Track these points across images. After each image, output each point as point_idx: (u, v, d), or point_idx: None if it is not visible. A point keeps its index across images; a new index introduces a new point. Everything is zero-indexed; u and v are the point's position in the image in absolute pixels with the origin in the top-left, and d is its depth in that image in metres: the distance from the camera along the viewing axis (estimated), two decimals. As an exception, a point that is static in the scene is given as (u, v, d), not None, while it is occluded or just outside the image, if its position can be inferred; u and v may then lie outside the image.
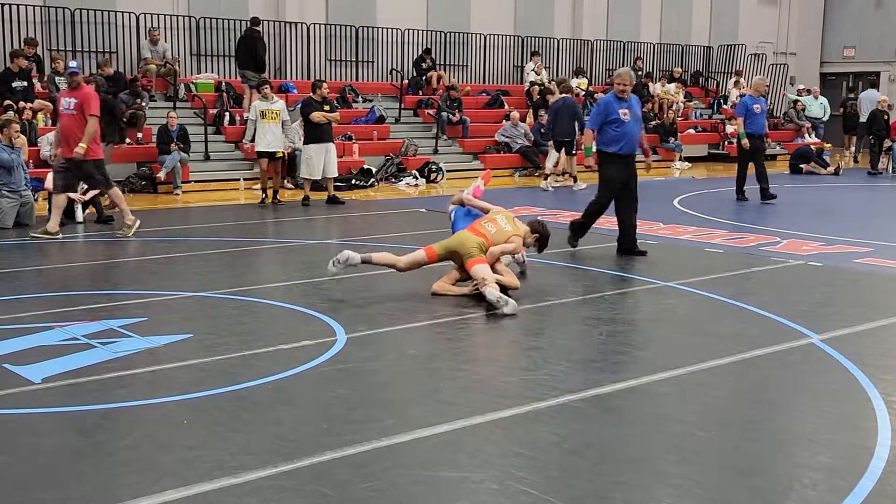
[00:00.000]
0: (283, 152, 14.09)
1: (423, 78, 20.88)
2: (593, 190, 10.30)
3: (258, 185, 15.67)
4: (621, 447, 4.38)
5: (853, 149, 24.06)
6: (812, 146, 21.07)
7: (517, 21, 23.40)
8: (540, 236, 7.92)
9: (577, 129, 15.78)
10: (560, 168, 16.60)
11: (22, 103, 14.53)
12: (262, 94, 13.94)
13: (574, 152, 16.00)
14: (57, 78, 15.31)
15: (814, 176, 19.46)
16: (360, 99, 19.70)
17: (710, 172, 19.79)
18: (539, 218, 8.36)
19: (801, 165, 19.97)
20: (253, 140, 13.92)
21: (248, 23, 17.74)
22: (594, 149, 9.47)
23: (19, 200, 11.24)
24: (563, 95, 16.49)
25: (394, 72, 20.68)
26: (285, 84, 18.85)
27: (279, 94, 18.30)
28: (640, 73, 23.98)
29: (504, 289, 7.26)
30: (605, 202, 9.59)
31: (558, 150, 16.38)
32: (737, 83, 24.87)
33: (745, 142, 14.30)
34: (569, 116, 15.91)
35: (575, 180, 16.32)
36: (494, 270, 7.42)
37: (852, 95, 25.44)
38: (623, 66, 24.91)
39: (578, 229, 9.76)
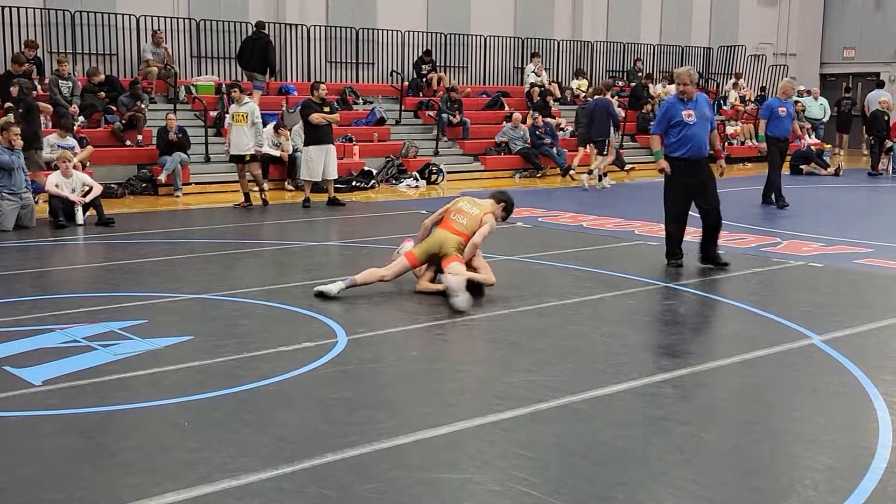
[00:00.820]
0: (256, 153, 13.56)
1: (424, 79, 20.88)
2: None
3: (257, 189, 15.71)
4: (622, 448, 4.38)
5: (846, 148, 24.10)
6: (812, 147, 21.07)
7: (517, 22, 23.41)
8: (505, 203, 8.08)
9: (612, 128, 16.65)
10: (593, 166, 17.05)
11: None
12: (232, 97, 13.85)
13: (605, 152, 16.66)
14: (60, 81, 15.33)
15: (814, 177, 19.45)
16: (360, 101, 19.70)
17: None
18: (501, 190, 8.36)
19: (801, 166, 19.97)
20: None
21: (255, 26, 17.78)
22: (662, 154, 8.73)
23: (19, 203, 11.24)
24: (598, 97, 16.99)
25: (394, 73, 20.69)
26: (286, 86, 18.85)
27: (279, 96, 18.36)
28: (640, 74, 24.00)
29: (479, 286, 7.41)
30: (669, 211, 8.87)
31: (583, 146, 17.00)
32: (735, 85, 24.86)
33: (763, 146, 13.80)
34: (604, 117, 16.44)
35: (601, 178, 16.71)
36: (473, 265, 7.63)
37: (848, 95, 25.42)
38: (623, 67, 24.97)
39: (671, 253, 8.92)
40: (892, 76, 27.68)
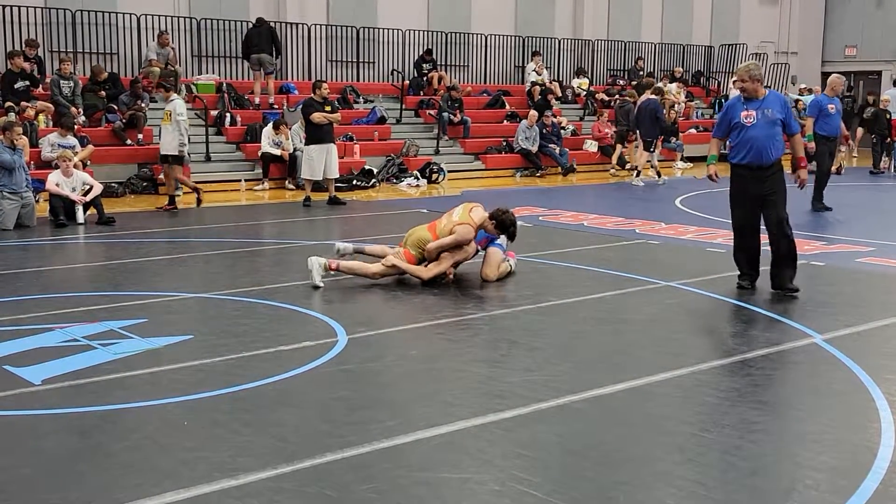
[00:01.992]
0: (180, 153, 13.10)
1: (424, 78, 20.87)
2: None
3: (259, 187, 15.74)
4: (623, 448, 4.37)
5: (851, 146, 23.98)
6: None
7: (518, 21, 23.39)
8: (497, 222, 8.02)
9: (658, 129, 17.44)
10: (635, 163, 17.85)
11: (24, 104, 14.54)
12: (161, 96, 13.94)
13: (653, 150, 17.42)
14: (62, 81, 15.33)
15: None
16: (361, 99, 19.69)
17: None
18: (506, 208, 8.20)
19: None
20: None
21: (255, 23, 17.83)
22: (715, 159, 7.98)
23: (20, 202, 11.24)
24: (645, 98, 17.42)
25: (395, 72, 20.67)
26: (286, 85, 18.85)
27: (279, 95, 18.36)
28: (641, 73, 23.98)
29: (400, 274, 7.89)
30: (735, 224, 7.91)
31: (647, 148, 17.49)
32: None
33: (812, 145, 12.94)
34: (652, 118, 17.03)
35: (659, 175, 17.44)
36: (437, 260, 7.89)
37: (849, 94, 25.37)
38: (624, 66, 24.93)
39: (744, 275, 7.92)
40: (893, 75, 27.65)
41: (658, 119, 17.13)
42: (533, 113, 19.33)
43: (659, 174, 17.45)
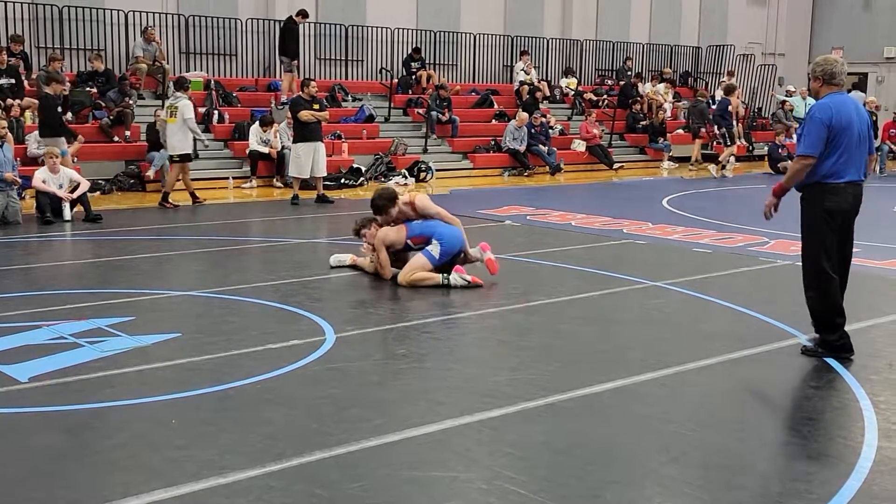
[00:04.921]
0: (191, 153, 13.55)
1: (413, 77, 20.87)
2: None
3: (247, 184, 15.71)
4: (610, 447, 4.39)
5: None
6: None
7: (507, 21, 23.41)
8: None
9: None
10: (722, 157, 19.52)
11: (9, 100, 14.47)
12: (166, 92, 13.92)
13: (728, 144, 19.46)
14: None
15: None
16: (349, 98, 19.67)
17: (699, 173, 19.84)
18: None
19: (779, 165, 19.95)
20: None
21: (291, 21, 18.24)
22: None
23: (6, 200, 11.18)
24: (723, 97, 19.85)
25: (383, 71, 20.65)
26: (274, 83, 18.82)
27: (268, 93, 18.33)
28: (629, 73, 24.03)
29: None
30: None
31: (696, 138, 20.28)
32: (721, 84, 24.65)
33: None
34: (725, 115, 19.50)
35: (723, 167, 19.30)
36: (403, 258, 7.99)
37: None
38: (612, 66, 24.99)
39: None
40: (879, 76, 27.80)
41: (723, 116, 19.41)
42: (523, 115, 19.33)
43: (724, 167, 19.31)
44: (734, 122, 19.80)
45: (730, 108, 19.51)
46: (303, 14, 18.28)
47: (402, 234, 7.97)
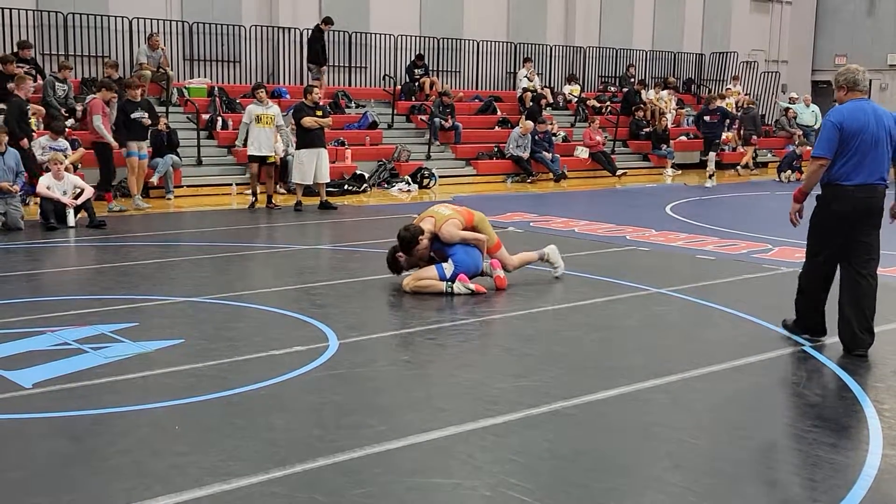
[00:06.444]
0: (276, 158, 14.14)
1: (416, 84, 20.89)
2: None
3: (250, 191, 15.68)
4: (614, 454, 4.38)
5: None
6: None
7: (510, 27, 23.45)
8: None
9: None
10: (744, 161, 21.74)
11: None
12: (258, 98, 14.00)
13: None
14: (57, 83, 15.29)
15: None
16: (352, 104, 19.71)
17: (702, 180, 19.84)
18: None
19: (781, 173, 19.93)
20: (245, 144, 13.99)
21: (319, 29, 18.73)
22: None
23: (6, 207, 11.18)
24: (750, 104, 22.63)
25: (387, 77, 20.69)
26: (278, 89, 18.83)
27: (272, 100, 18.34)
28: (632, 80, 24.05)
29: None
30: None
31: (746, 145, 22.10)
32: (726, 92, 24.63)
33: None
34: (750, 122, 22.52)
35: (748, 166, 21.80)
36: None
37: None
38: (615, 73, 25.01)
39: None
40: (883, 83, 27.79)
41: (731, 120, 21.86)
42: (528, 123, 19.32)
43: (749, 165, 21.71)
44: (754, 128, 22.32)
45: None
46: (325, 21, 18.69)
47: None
